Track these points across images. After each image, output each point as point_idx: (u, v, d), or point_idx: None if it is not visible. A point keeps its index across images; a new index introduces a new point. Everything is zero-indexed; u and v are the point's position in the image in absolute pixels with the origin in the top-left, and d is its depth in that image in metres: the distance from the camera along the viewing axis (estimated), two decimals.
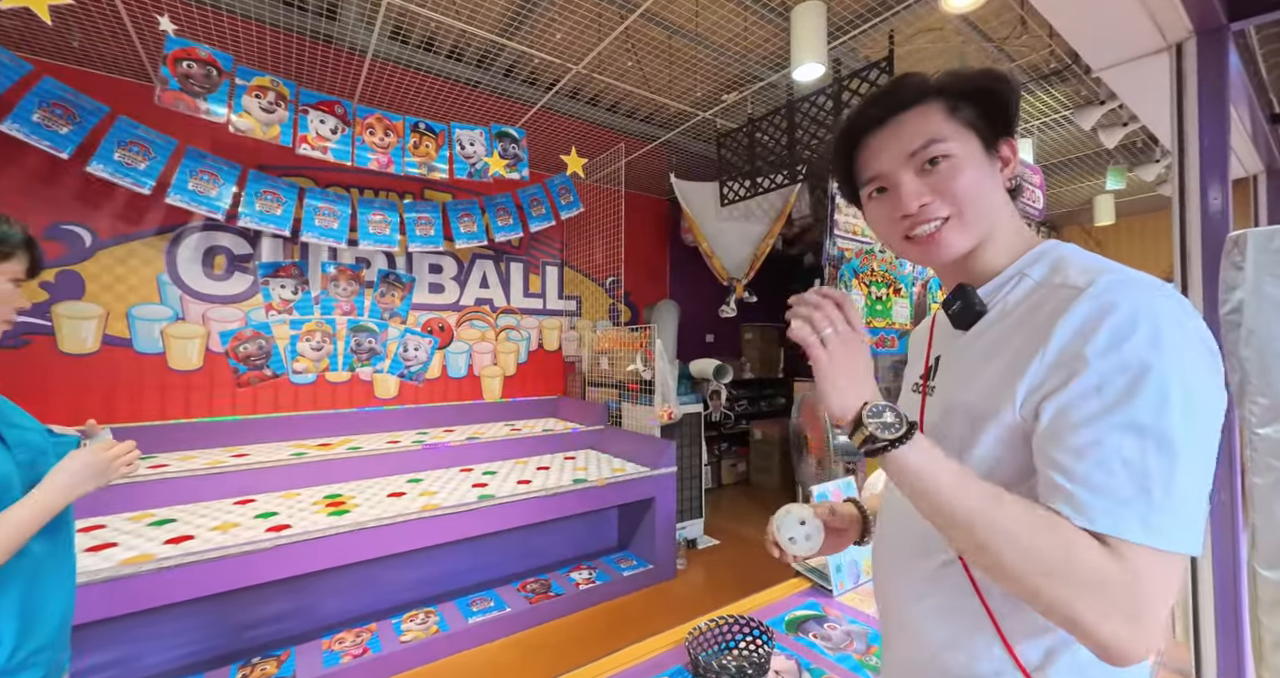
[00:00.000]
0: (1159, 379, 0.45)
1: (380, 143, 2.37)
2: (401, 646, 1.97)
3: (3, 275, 0.80)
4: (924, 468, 0.49)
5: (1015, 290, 0.57)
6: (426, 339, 3.33)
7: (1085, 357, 0.47)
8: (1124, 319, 0.47)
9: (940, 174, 0.58)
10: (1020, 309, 0.55)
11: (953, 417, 0.58)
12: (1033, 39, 2.29)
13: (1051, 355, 0.49)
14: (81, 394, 2.42)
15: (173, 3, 1.97)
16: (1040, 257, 0.58)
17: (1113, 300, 0.48)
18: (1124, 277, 0.50)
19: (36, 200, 2.33)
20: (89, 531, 1.80)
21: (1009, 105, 0.59)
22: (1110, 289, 0.49)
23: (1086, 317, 0.48)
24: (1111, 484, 0.45)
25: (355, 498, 2.19)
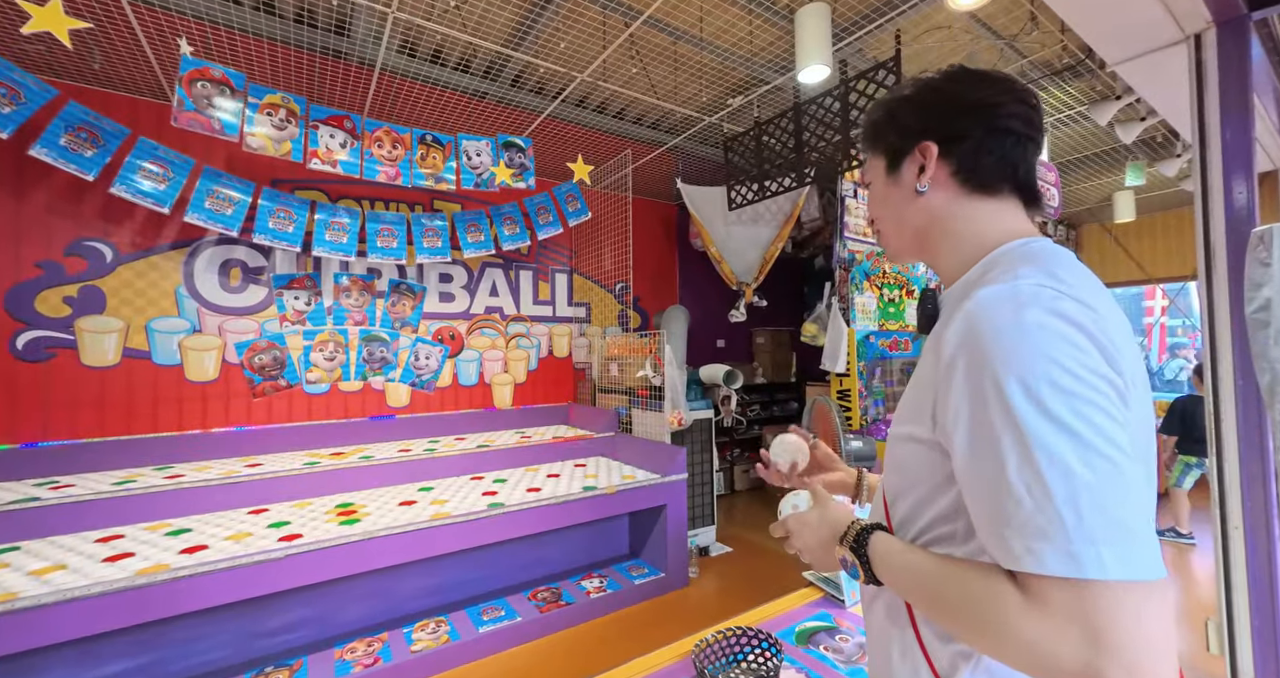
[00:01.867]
0: (994, 385, 0.45)
1: (388, 155, 2.40)
2: (412, 655, 1.97)
3: None
4: (888, 573, 0.56)
5: (951, 293, 0.60)
6: (438, 348, 3.35)
7: (946, 384, 0.49)
8: (964, 335, 0.48)
9: (869, 198, 0.72)
10: (945, 314, 0.57)
11: (897, 427, 0.62)
12: (1044, 35, 2.24)
13: (942, 371, 0.50)
14: (103, 406, 2.48)
15: (187, 24, 2.02)
16: (994, 259, 0.57)
17: (967, 315, 0.48)
18: (1008, 288, 0.48)
19: (62, 218, 2.40)
20: (107, 540, 1.84)
21: (894, 116, 0.64)
22: (978, 302, 0.48)
23: (958, 334, 0.49)
24: (1016, 515, 0.43)
25: (366, 507, 2.20)
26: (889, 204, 0.66)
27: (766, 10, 2.18)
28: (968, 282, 0.57)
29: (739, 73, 2.64)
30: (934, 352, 0.53)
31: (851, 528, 0.62)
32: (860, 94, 2.36)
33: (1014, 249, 0.56)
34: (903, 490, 0.60)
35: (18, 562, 1.64)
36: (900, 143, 0.63)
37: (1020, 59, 2.42)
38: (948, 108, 0.59)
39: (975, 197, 0.60)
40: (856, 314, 2.96)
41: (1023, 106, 0.57)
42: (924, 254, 0.66)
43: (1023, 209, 0.60)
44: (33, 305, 2.34)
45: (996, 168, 0.58)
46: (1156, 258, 4.90)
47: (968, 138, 0.58)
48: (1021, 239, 0.57)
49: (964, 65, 0.61)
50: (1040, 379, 0.43)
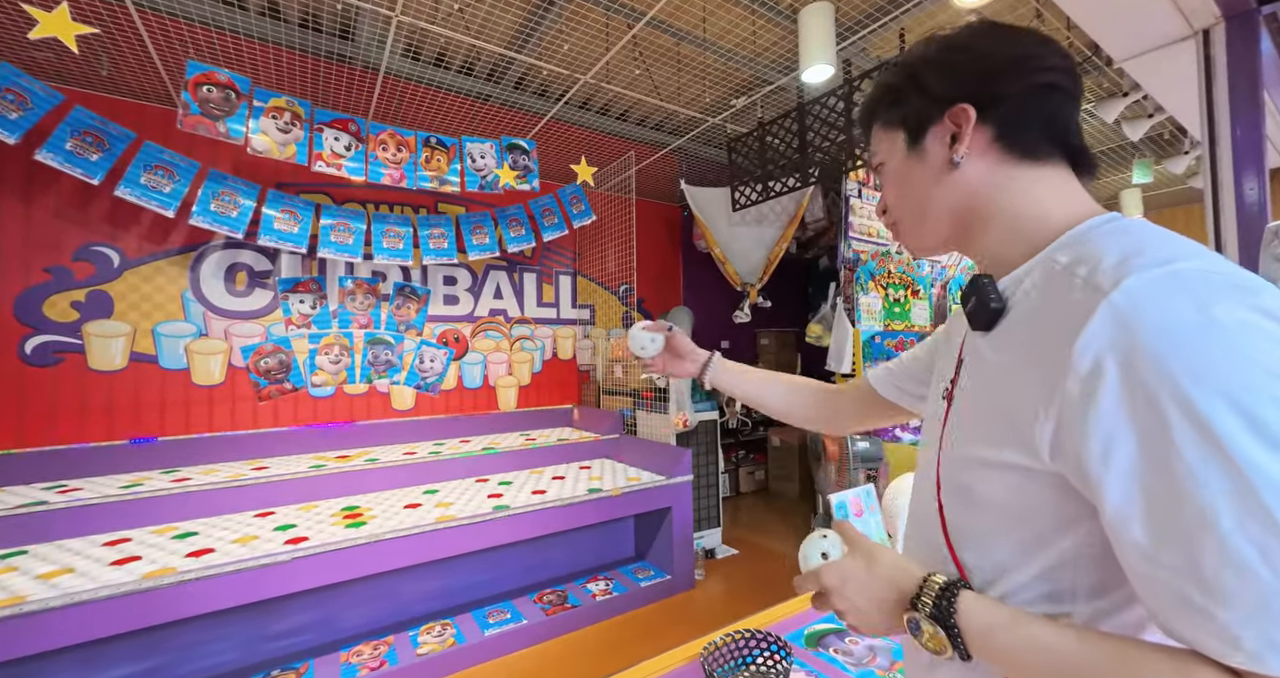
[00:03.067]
0: (1183, 406, 0.33)
1: (393, 158, 2.41)
2: (418, 658, 1.96)
3: None
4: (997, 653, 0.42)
5: (1035, 280, 0.46)
6: (442, 350, 3.35)
7: (1085, 403, 0.36)
8: (1115, 338, 0.36)
9: (883, 181, 0.60)
10: (1039, 306, 0.44)
11: (960, 452, 0.50)
12: (1050, 32, 2.23)
13: (1074, 387, 0.37)
14: (111, 411, 2.49)
15: (194, 30, 2.03)
16: (1082, 237, 0.45)
17: (1117, 312, 0.36)
18: (1171, 275, 0.36)
19: (69, 223, 2.42)
20: (114, 544, 1.84)
21: (917, 79, 0.53)
22: (1131, 295, 0.36)
23: (1101, 338, 0.36)
24: (1245, 592, 0.31)
25: (372, 509, 2.20)
26: (912, 185, 0.55)
27: (769, 10, 2.17)
28: (1052, 262, 0.44)
29: (742, 73, 2.63)
30: (1037, 358, 0.42)
31: (928, 588, 0.47)
32: (864, 93, 2.35)
33: (1107, 225, 0.45)
34: (987, 534, 0.47)
35: (26, 565, 1.65)
36: (926, 110, 0.53)
37: None
38: (981, 65, 0.50)
39: (1024, 164, 0.50)
40: (862, 315, 2.94)
41: (1064, 59, 0.49)
42: (962, 240, 0.55)
43: (1075, 178, 0.51)
44: (41, 310, 2.36)
45: (1045, 129, 0.49)
46: None
47: (1009, 97, 0.49)
48: (1102, 216, 0.47)
49: (990, 19, 0.53)
50: (1261, 397, 0.32)
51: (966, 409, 0.51)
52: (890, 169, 0.58)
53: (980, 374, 0.50)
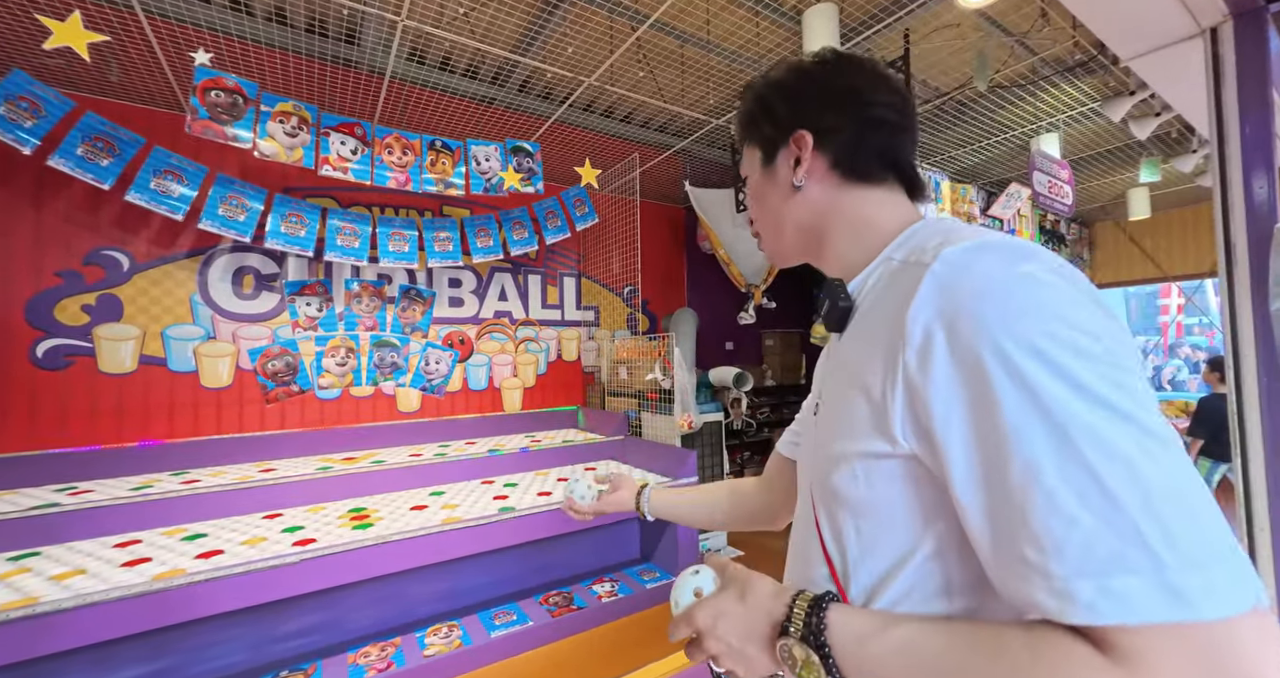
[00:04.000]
0: (999, 356, 0.35)
1: (398, 162, 2.42)
2: (425, 660, 1.97)
3: None
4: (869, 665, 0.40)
5: (876, 277, 0.51)
6: (447, 352, 3.37)
7: (922, 373, 0.39)
8: (939, 303, 0.39)
9: (747, 196, 0.65)
10: (881, 298, 0.48)
11: (828, 453, 0.49)
12: (1055, 31, 2.22)
13: (912, 358, 0.40)
14: (121, 413, 2.51)
15: (201, 36, 2.05)
16: (910, 236, 0.50)
17: (938, 279, 0.40)
18: (981, 243, 0.40)
19: (80, 227, 2.45)
20: (125, 546, 1.86)
21: (767, 105, 0.59)
22: (949, 262, 0.40)
23: (928, 306, 0.39)
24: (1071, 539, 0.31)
25: (379, 511, 2.21)
26: (767, 200, 0.61)
27: (773, 12, 2.17)
28: (890, 260, 0.49)
29: (745, 74, 2.63)
30: (879, 341, 0.44)
31: (797, 607, 0.44)
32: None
33: (929, 224, 0.51)
34: (861, 540, 0.46)
35: (39, 567, 1.66)
36: (774, 133, 0.58)
37: (1031, 56, 2.39)
38: (820, 95, 0.55)
39: (859, 187, 0.55)
40: None
41: (895, 96, 0.54)
42: (810, 252, 0.60)
43: (907, 198, 0.57)
44: (52, 314, 2.39)
45: (875, 157, 0.55)
46: (1173, 255, 4.82)
47: (843, 129, 0.54)
48: (924, 219, 0.53)
49: (835, 49, 0.58)
50: (1063, 344, 0.33)
51: (828, 413, 0.53)
52: (750, 185, 0.63)
53: (839, 374, 0.51)
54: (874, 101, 0.54)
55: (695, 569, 0.54)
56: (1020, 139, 3.28)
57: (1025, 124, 3.06)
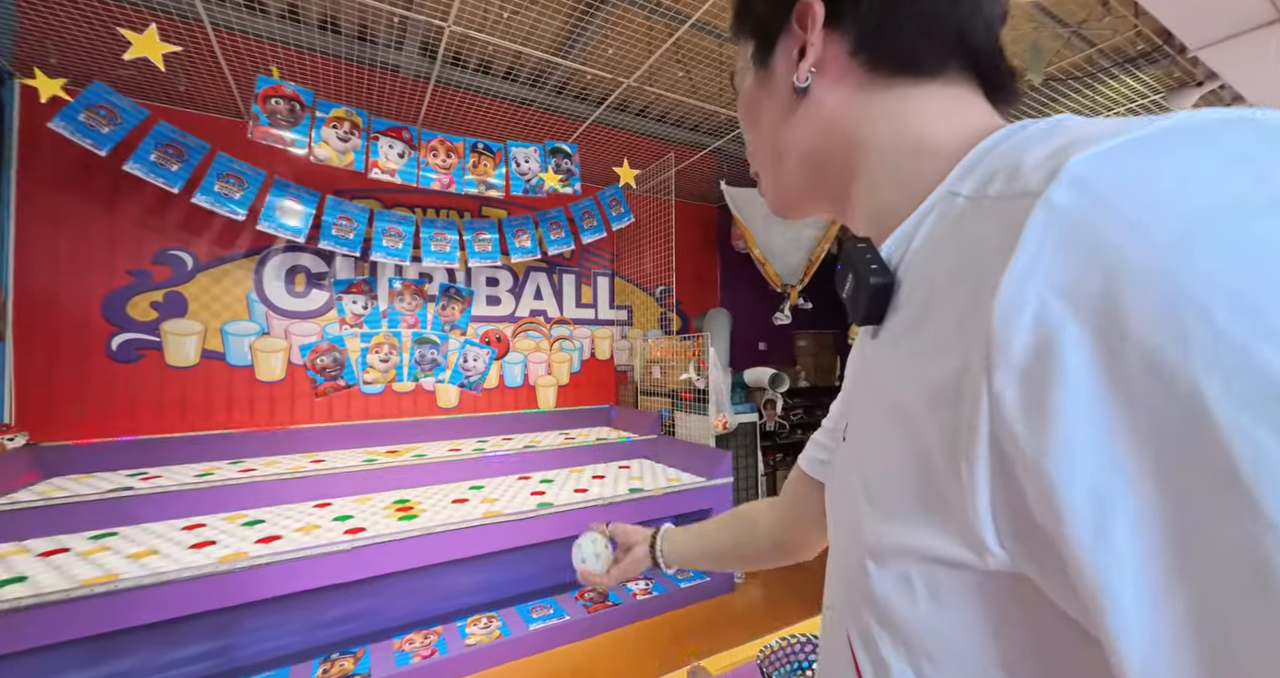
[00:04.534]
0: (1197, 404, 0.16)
1: (443, 164, 2.49)
2: (467, 649, 2.02)
3: None
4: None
5: (932, 226, 0.28)
6: (484, 350, 3.44)
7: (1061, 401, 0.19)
8: (1131, 257, 0.18)
9: (739, 114, 0.44)
10: (939, 264, 0.27)
11: (858, 530, 0.30)
12: (1116, 20, 2.12)
13: (1010, 387, 0.20)
14: (185, 404, 2.66)
15: (260, 44, 2.15)
16: (987, 153, 0.27)
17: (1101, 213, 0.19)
18: (1143, 135, 0.19)
19: (148, 230, 2.60)
20: (191, 528, 1.97)
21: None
22: (1100, 178, 0.19)
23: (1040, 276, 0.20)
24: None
25: (422, 503, 2.28)
26: (760, 117, 0.40)
27: None
28: (950, 199, 0.27)
29: None
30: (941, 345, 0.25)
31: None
32: None
33: (1015, 133, 0.27)
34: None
35: (117, 546, 1.78)
36: (769, 10, 0.38)
37: (1089, 47, 2.29)
38: None
39: (901, 83, 0.34)
40: None
41: None
42: (825, 194, 0.39)
43: (982, 97, 0.34)
44: (125, 310, 2.54)
45: (924, 34, 0.33)
46: None
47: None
48: (1011, 126, 0.28)
49: None
50: None
51: (857, 453, 0.33)
52: (744, 98, 0.42)
53: (871, 393, 0.32)
54: None
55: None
56: None
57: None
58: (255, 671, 1.90)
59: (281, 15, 2.03)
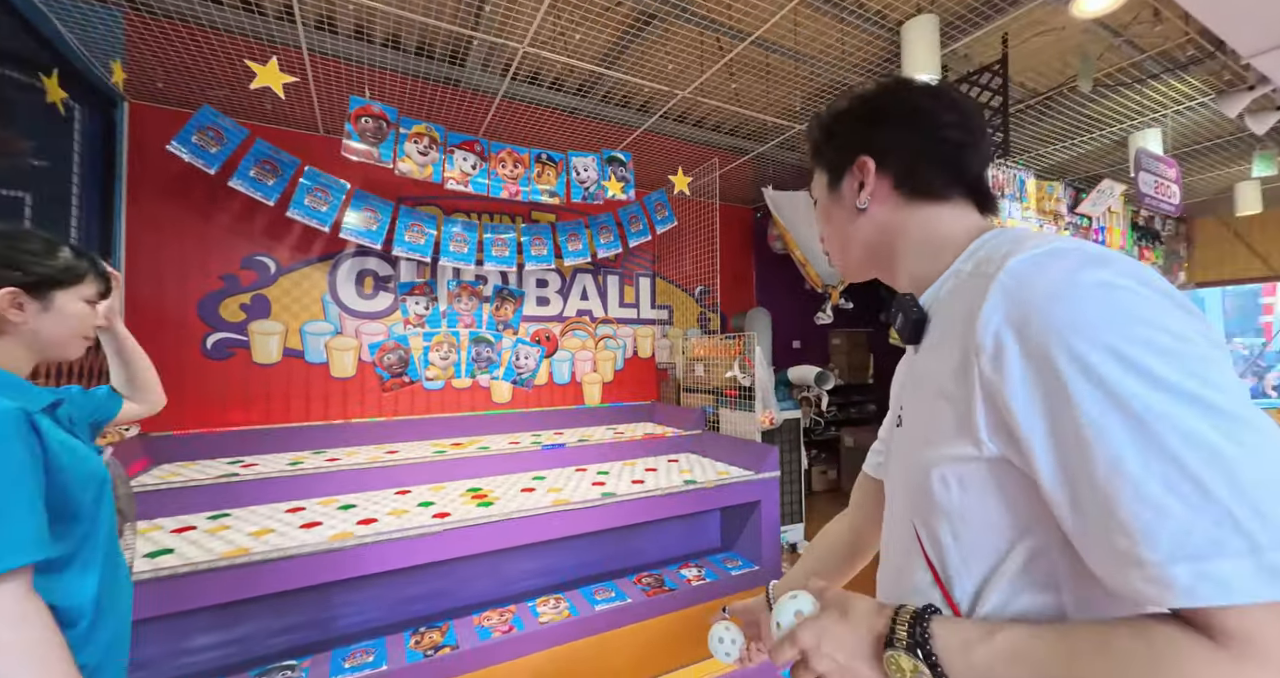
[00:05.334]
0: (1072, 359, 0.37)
1: (510, 174, 2.65)
2: (541, 626, 2.18)
3: (77, 296, 0.88)
4: (978, 674, 0.40)
5: (948, 289, 0.52)
6: (535, 348, 3.61)
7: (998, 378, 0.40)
8: (1007, 311, 0.40)
9: (817, 215, 0.69)
10: (953, 309, 0.49)
11: (918, 461, 0.51)
12: (1166, 27, 2.18)
13: (987, 364, 0.41)
14: (269, 399, 2.88)
15: (336, 62, 2.32)
16: (980, 247, 0.52)
17: (1004, 290, 0.41)
18: (1046, 252, 0.42)
19: (238, 236, 2.82)
20: (294, 512, 2.16)
21: (830, 132, 0.63)
22: (1014, 273, 0.41)
23: (996, 314, 0.41)
24: (1164, 528, 0.32)
25: (494, 491, 2.45)
26: (834, 221, 0.64)
27: (858, 18, 2.23)
28: (959, 273, 0.51)
29: (824, 77, 2.68)
30: (954, 349, 0.46)
31: (900, 619, 0.45)
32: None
33: (998, 235, 0.52)
34: (963, 542, 0.47)
35: (235, 525, 1.98)
36: (838, 159, 0.61)
37: (1139, 54, 2.35)
38: (880, 121, 0.58)
39: (925, 204, 0.57)
40: None
41: (957, 114, 0.56)
42: (879, 268, 0.62)
43: (977, 212, 0.58)
44: (218, 312, 2.77)
45: (940, 174, 0.56)
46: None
47: (904, 149, 0.57)
48: (993, 230, 0.53)
49: (899, 77, 0.65)
50: (1135, 342, 0.35)
51: (912, 424, 0.54)
52: (820, 206, 0.67)
53: (919, 385, 0.53)
54: (935, 123, 0.55)
55: (793, 594, 0.55)
56: (1115, 135, 3.18)
57: (1122, 120, 2.97)
58: (353, 640, 2.08)
59: (356, 35, 2.20)
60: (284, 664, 1.93)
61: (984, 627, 0.42)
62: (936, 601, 0.49)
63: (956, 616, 0.47)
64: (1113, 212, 4.11)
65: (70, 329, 0.87)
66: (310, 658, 1.96)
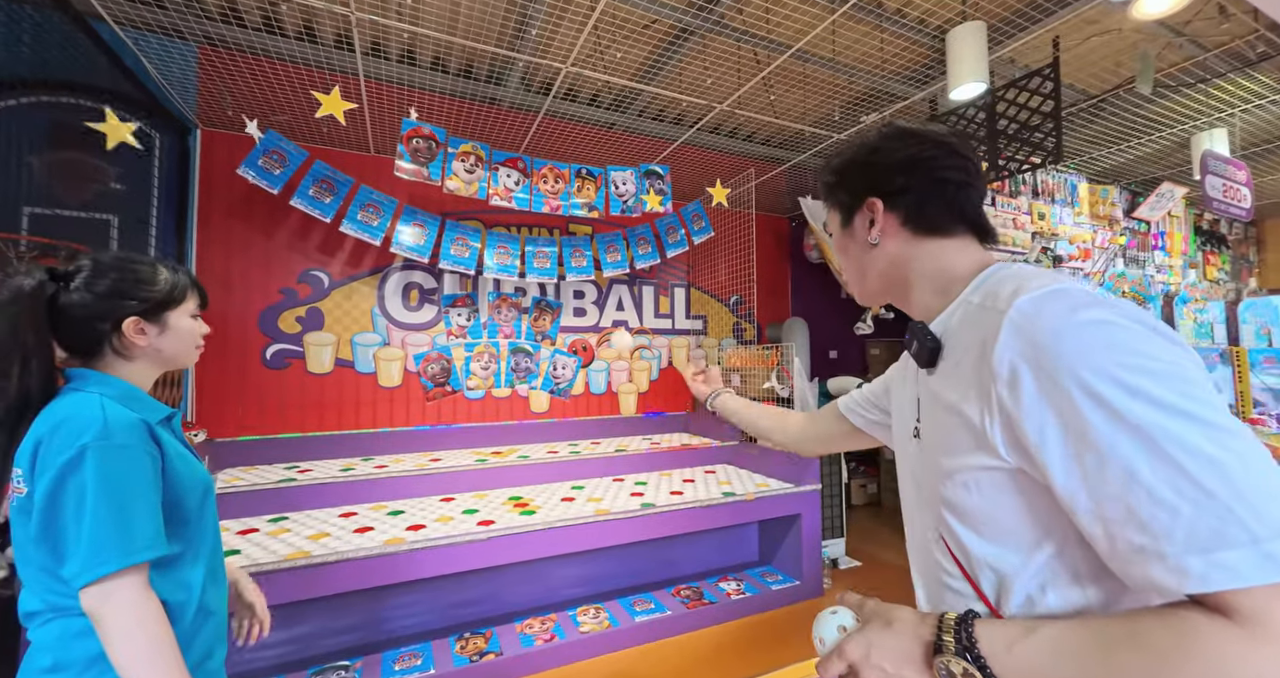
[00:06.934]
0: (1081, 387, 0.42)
1: (552, 189, 2.72)
2: (581, 636, 2.20)
3: (185, 313, 0.94)
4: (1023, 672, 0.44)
5: (958, 318, 0.58)
6: (572, 358, 3.66)
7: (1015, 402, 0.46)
8: (1019, 345, 0.46)
9: (833, 247, 0.76)
10: (964, 337, 0.55)
11: (938, 469, 0.56)
12: (1235, 24, 2.08)
13: (1004, 391, 0.47)
14: (322, 407, 3.01)
15: (386, 86, 2.43)
16: (984, 280, 0.58)
17: (1015, 325, 0.47)
18: (1049, 292, 0.47)
19: (295, 252, 2.97)
20: (347, 516, 2.25)
21: (842, 177, 0.69)
22: (1022, 311, 0.47)
23: (1010, 348, 0.47)
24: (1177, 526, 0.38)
25: (535, 500, 2.49)
26: (849, 254, 0.71)
27: (898, 25, 2.21)
28: (968, 304, 0.57)
29: (862, 84, 2.64)
30: (969, 374, 0.52)
31: (945, 626, 0.48)
32: (1010, 103, 2.32)
33: (1001, 269, 0.58)
34: (989, 544, 0.52)
35: (294, 528, 2.08)
36: (850, 200, 0.69)
37: (1202, 52, 2.25)
38: (886, 166, 0.65)
39: (930, 238, 0.63)
40: None
41: (955, 158, 0.62)
42: (894, 295, 0.69)
43: (979, 244, 0.64)
44: (277, 324, 2.92)
45: (943, 212, 0.62)
46: None
47: (909, 191, 0.63)
48: (995, 264, 0.60)
49: (899, 124, 0.67)
50: (1133, 370, 0.41)
51: (931, 437, 0.59)
52: (835, 240, 0.74)
53: (936, 403, 0.58)
54: (935, 166, 0.62)
55: (833, 609, 0.57)
56: (1176, 136, 3.03)
57: (1184, 121, 2.83)
58: (401, 643, 2.14)
59: (401, 59, 2.30)
60: (339, 664, 2.00)
61: (1022, 625, 0.46)
62: (967, 592, 0.55)
63: (991, 611, 0.52)
64: (1173, 216, 3.91)
65: (186, 343, 0.94)
66: (362, 659, 2.03)
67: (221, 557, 0.97)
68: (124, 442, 0.75)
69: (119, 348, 0.85)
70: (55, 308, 0.80)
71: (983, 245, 0.65)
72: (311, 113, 2.23)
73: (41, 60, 1.87)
